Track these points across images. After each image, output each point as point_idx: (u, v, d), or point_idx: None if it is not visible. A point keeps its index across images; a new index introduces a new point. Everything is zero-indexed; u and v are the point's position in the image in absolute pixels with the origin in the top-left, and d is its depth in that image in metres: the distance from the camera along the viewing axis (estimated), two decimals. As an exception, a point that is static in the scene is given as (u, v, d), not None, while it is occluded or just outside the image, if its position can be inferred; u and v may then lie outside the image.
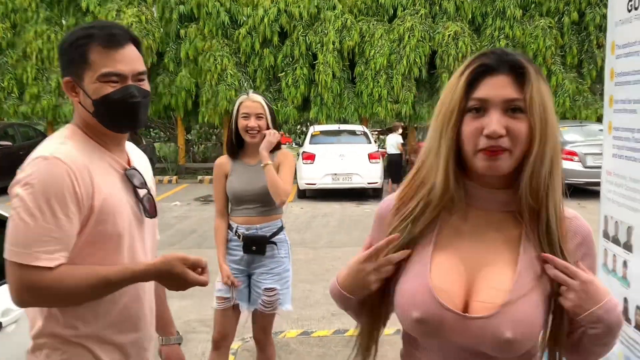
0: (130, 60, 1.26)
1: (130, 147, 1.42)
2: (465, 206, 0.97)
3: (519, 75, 0.91)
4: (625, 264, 1.68)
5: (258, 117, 2.41)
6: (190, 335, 3.75)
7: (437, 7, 13.40)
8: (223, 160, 2.53)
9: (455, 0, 13.26)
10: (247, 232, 2.45)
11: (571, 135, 10.13)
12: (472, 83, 0.93)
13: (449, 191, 0.95)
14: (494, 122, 0.89)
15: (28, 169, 1.19)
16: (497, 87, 0.91)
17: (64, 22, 13.84)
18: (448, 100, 0.94)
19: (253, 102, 2.43)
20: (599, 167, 1.94)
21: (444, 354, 0.96)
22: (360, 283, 0.99)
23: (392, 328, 1.03)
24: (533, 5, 13.28)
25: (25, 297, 1.17)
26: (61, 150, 1.21)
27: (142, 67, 1.29)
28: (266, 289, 2.45)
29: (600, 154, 1.94)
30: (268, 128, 2.44)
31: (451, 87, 0.95)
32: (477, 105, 0.92)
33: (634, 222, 1.66)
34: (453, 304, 0.92)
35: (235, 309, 2.52)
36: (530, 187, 0.92)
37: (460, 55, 12.84)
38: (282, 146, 2.56)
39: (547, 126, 0.91)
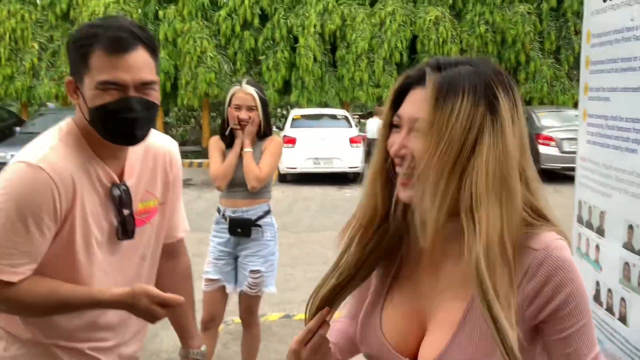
0: (135, 68, 1.12)
1: (143, 147, 1.26)
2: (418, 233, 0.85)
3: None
4: (597, 247, 1.73)
5: (249, 109, 2.48)
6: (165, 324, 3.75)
7: (419, -9, 13.43)
8: (217, 139, 2.61)
9: (436, -16, 13.31)
10: (233, 215, 2.51)
11: (548, 120, 10.25)
12: (402, 95, 0.85)
13: (388, 220, 0.86)
14: (396, 141, 0.83)
15: (9, 173, 1.12)
16: (411, 103, 0.83)
17: (38, 1, 13.40)
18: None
19: (245, 94, 2.48)
20: (575, 153, 1.99)
21: None
22: None
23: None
24: (513, -9, 13.42)
25: None
26: (49, 158, 1.12)
27: (149, 76, 1.14)
28: (252, 271, 2.51)
29: (577, 139, 1.98)
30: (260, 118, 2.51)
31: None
32: (395, 122, 0.85)
33: (606, 207, 1.71)
34: (404, 348, 0.87)
35: (223, 290, 2.57)
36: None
37: (440, 40, 12.88)
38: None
39: (436, 147, 0.77)
